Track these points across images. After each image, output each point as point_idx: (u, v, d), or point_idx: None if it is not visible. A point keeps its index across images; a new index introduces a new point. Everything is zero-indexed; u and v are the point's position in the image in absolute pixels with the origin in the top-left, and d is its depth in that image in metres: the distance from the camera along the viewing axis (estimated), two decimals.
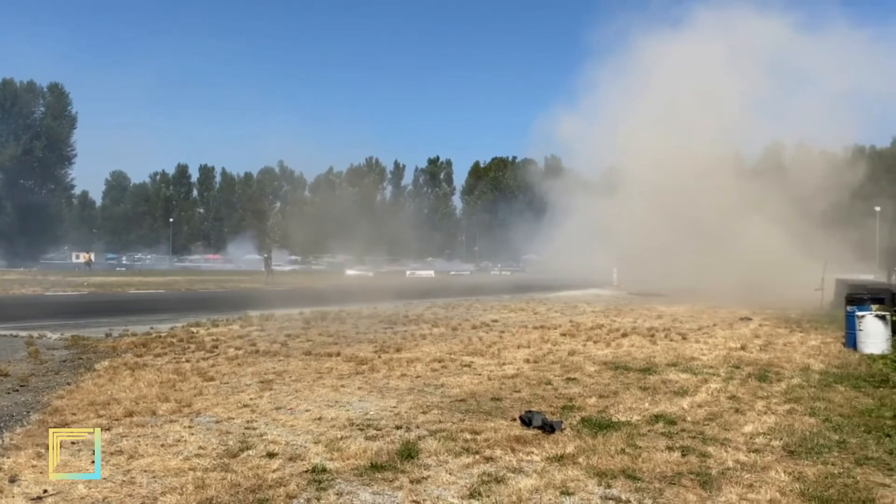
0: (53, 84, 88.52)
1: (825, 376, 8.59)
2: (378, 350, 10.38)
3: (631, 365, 9.29)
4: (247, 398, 6.93)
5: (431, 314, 17.12)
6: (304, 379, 8.03)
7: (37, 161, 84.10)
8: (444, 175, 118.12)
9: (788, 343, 11.93)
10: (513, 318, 16.64)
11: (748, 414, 6.52)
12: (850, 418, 6.36)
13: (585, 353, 10.38)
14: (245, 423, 5.92)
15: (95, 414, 6.14)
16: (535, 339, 12.09)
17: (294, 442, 5.37)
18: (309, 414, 6.29)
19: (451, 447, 5.22)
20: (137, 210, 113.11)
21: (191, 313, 16.37)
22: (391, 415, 6.28)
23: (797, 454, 5.21)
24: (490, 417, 6.23)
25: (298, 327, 13.54)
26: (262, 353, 10.01)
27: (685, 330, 13.82)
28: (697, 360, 9.87)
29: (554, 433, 5.68)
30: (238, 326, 13.57)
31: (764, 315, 17.68)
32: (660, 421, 6.17)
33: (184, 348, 10.48)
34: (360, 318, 15.66)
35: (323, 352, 10.10)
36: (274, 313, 16.18)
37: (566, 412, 6.47)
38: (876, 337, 10.56)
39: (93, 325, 13.65)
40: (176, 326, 13.36)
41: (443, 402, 6.87)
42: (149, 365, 8.86)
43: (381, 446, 5.21)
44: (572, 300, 24.07)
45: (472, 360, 9.64)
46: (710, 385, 7.90)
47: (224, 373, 8.36)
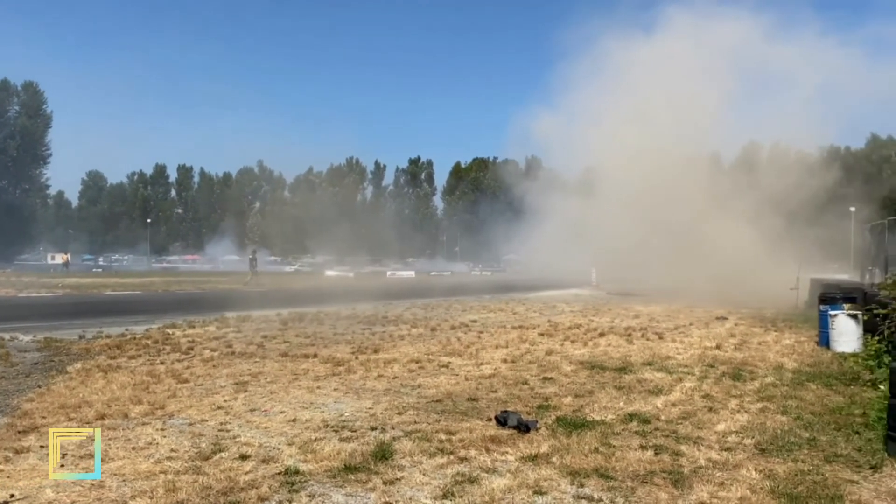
0: (28, 83, 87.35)
1: (798, 375, 8.69)
2: (355, 351, 10.35)
3: (607, 364, 9.34)
4: (221, 400, 6.88)
5: (410, 315, 17.10)
6: (279, 380, 7.98)
7: (11, 160, 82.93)
8: (425, 175, 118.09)
9: (763, 342, 12.07)
10: (492, 318, 16.68)
11: (721, 412, 6.58)
12: (821, 416, 6.44)
13: (563, 353, 10.42)
14: (218, 426, 5.87)
15: (66, 417, 6.06)
16: (513, 339, 12.12)
17: (268, 444, 5.33)
18: (283, 416, 6.26)
19: (426, 448, 5.22)
20: (115, 210, 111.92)
21: (167, 315, 16.22)
22: (366, 416, 6.26)
23: (768, 452, 5.27)
24: (466, 418, 6.23)
25: (275, 328, 13.46)
26: (237, 355, 9.94)
27: (661, 329, 13.93)
28: (673, 359, 9.95)
29: (529, 433, 5.69)
30: (214, 328, 13.46)
31: (740, 314, 17.87)
32: (634, 420, 6.21)
33: (159, 350, 10.38)
34: (339, 319, 15.60)
35: (299, 353, 10.05)
36: (251, 314, 16.08)
37: (542, 412, 6.49)
38: (848, 335, 10.71)
39: (66, 326, 13.47)
40: (151, 328, 13.22)
41: (419, 402, 6.86)
42: (122, 367, 8.76)
43: (355, 447, 5.19)
44: (551, 300, 24.17)
45: (449, 360, 9.64)
46: (684, 384, 7.97)
47: (199, 374, 8.29)
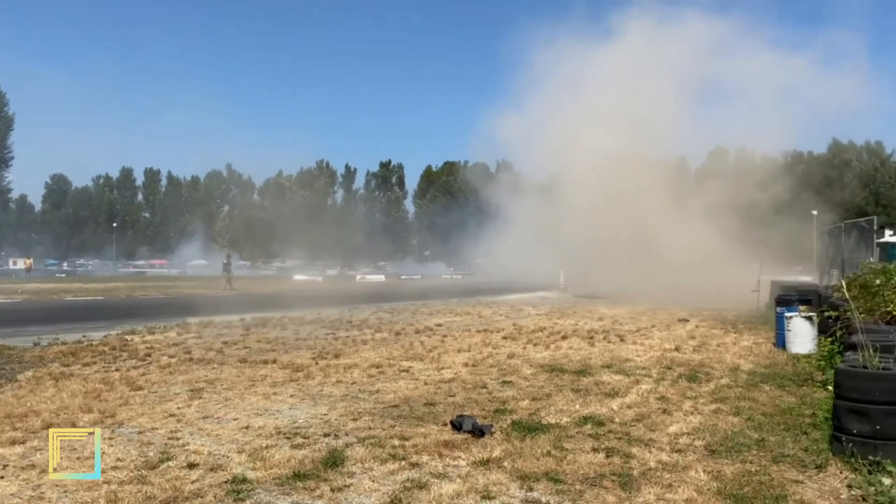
0: None
1: (753, 376, 8.83)
2: (316, 356, 10.26)
3: (567, 367, 9.40)
4: (174, 407, 6.77)
5: (376, 319, 17.04)
6: (236, 387, 7.88)
7: None
8: (396, 179, 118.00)
9: (722, 344, 12.24)
10: (457, 321, 16.69)
11: (675, 414, 6.65)
12: (772, 417, 6.54)
13: (524, 356, 10.46)
14: (169, 434, 5.78)
15: (11, 427, 5.91)
16: (476, 342, 12.14)
17: (217, 452, 5.26)
18: (237, 423, 6.18)
19: (378, 454, 5.19)
20: (80, 214, 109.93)
21: (128, 320, 15.94)
22: (320, 422, 6.21)
23: (718, 453, 5.33)
24: (421, 423, 6.22)
25: (238, 334, 13.31)
26: (195, 361, 9.80)
27: (624, 332, 14.06)
28: (632, 361, 10.04)
29: (483, 437, 5.69)
30: (175, 334, 13.27)
31: (701, 316, 18.11)
32: (588, 422, 6.25)
33: (115, 357, 10.20)
34: (303, 324, 15.47)
35: (259, 359, 9.95)
36: (214, 320, 15.88)
37: (498, 415, 6.50)
38: (803, 337, 10.91)
39: (22, 333, 13.17)
40: (110, 334, 12.99)
41: (375, 408, 6.83)
42: (75, 374, 8.59)
43: (306, 454, 5.15)
44: (519, 303, 24.27)
45: (410, 364, 9.61)
46: (641, 386, 8.04)
47: (154, 381, 8.16)
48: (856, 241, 20.18)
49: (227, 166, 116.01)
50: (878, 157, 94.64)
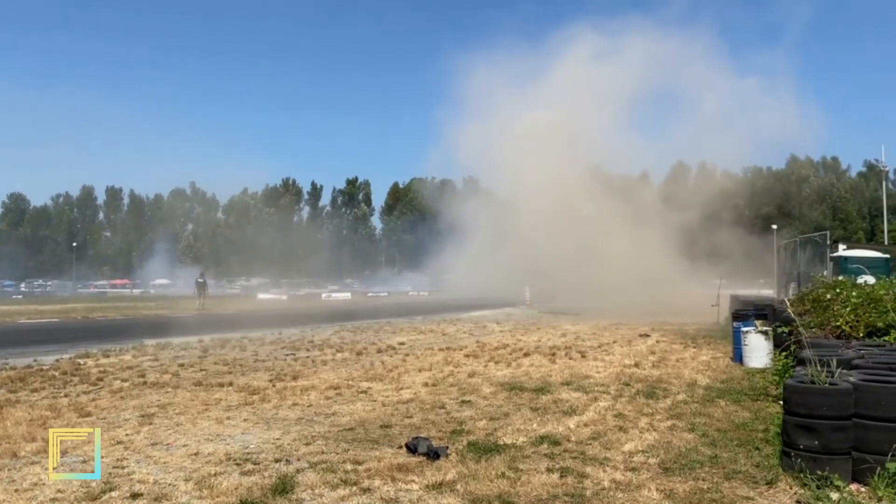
0: None
1: (709, 391, 8.91)
2: (273, 378, 10.10)
3: (526, 385, 9.38)
4: (122, 434, 6.58)
5: (338, 338, 16.87)
6: (188, 411, 7.71)
7: None
8: (363, 196, 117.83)
9: (681, 359, 12.36)
10: (420, 340, 16.61)
11: (631, 432, 6.66)
12: (726, 433, 6.59)
13: (485, 375, 10.43)
14: (114, 462, 5.60)
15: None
16: (437, 361, 12.08)
17: (163, 480, 5.11)
18: (186, 449, 6.02)
19: (330, 479, 5.09)
20: (38, 234, 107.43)
21: (82, 343, 15.54)
22: (272, 447, 6.08)
23: (671, 471, 5.34)
24: (377, 446, 6.13)
25: (195, 356, 13.05)
26: (149, 385, 9.57)
27: (586, 348, 14.12)
28: (591, 377, 10.07)
29: (438, 459, 5.63)
30: (130, 356, 12.96)
31: (663, 331, 18.30)
32: (545, 442, 6.23)
33: (65, 382, 9.91)
34: (263, 345, 15.24)
35: (214, 382, 9.75)
36: (172, 341, 15.57)
37: (454, 436, 6.44)
38: (759, 351, 11.07)
39: None
40: (62, 358, 12.63)
41: (330, 431, 6.72)
42: (22, 401, 8.31)
43: (255, 481, 5.03)
44: (483, 320, 24.28)
45: (369, 385, 9.51)
46: (599, 403, 8.06)
47: (103, 407, 7.94)
48: (811, 256, 20.64)
49: (190, 184, 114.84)
50: (835, 172, 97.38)
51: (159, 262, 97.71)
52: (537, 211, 44.14)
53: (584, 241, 39.68)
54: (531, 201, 45.32)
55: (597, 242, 39.00)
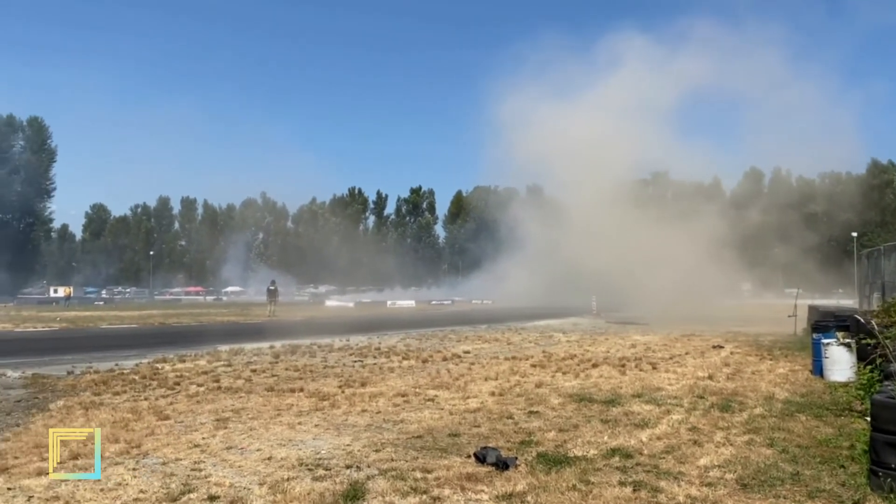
0: (33, 118, 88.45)
1: (788, 405, 8.57)
2: (343, 384, 10.24)
3: (596, 397, 9.22)
4: (199, 438, 6.78)
5: (404, 346, 16.99)
6: (261, 416, 7.89)
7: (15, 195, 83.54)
8: (427, 204, 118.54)
9: (757, 371, 11.93)
10: (486, 349, 16.55)
11: (706, 446, 6.46)
12: (808, 449, 6.32)
13: (553, 385, 10.30)
14: (192, 465, 5.77)
15: (39, 457, 5.95)
16: (504, 370, 12.00)
17: (238, 484, 5.24)
18: (259, 454, 6.16)
19: (400, 487, 5.11)
20: (118, 243, 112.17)
21: (160, 348, 16.12)
22: (343, 453, 6.16)
23: (750, 487, 5.15)
24: (445, 454, 6.13)
25: (267, 362, 13.36)
26: (223, 390, 9.84)
27: (657, 359, 13.79)
28: (663, 390, 9.82)
29: (507, 470, 5.58)
30: (205, 362, 13.36)
31: (737, 342, 17.72)
32: (616, 455, 6.10)
33: (145, 385, 10.29)
34: (332, 351, 15.49)
35: (286, 387, 9.95)
36: (244, 347, 15.99)
37: (523, 447, 6.38)
38: (841, 364, 10.58)
39: (57, 362, 13.40)
40: (142, 363, 13.13)
41: (399, 438, 6.76)
42: (105, 404, 8.67)
43: (327, 487, 5.10)
44: (549, 329, 24.02)
45: (436, 393, 9.53)
46: (672, 416, 7.85)
47: (181, 411, 8.20)
48: None
49: (261, 194, 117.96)
50: None
51: (231, 269, 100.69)
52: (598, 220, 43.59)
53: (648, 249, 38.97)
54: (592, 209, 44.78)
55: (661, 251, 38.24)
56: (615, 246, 41.47)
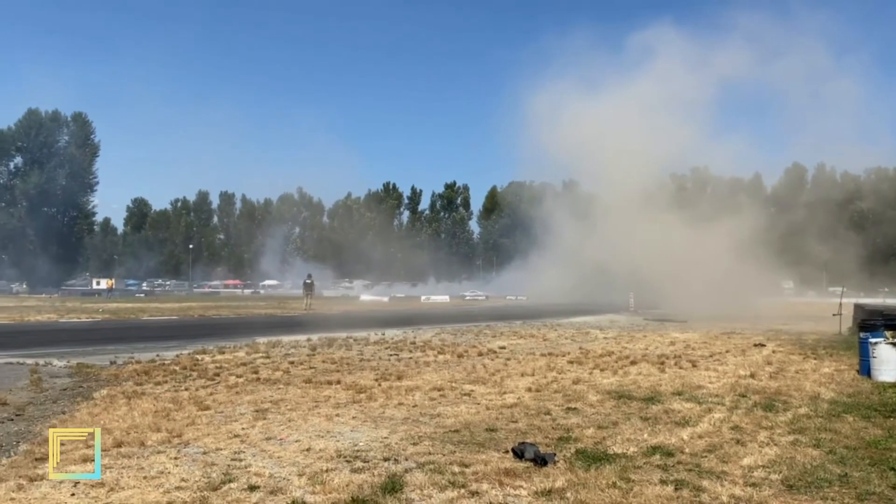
0: (77, 113, 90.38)
1: (834, 406, 8.34)
2: (379, 378, 10.27)
3: (635, 394, 9.09)
4: (239, 428, 6.85)
5: (439, 340, 16.98)
6: (299, 408, 7.94)
7: (60, 189, 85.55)
8: (462, 200, 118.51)
9: (800, 370, 11.65)
10: (521, 344, 16.46)
11: (749, 445, 6.32)
12: (856, 450, 6.14)
13: (590, 382, 10.19)
14: (232, 455, 5.83)
15: (84, 444, 6.08)
16: (540, 366, 11.91)
17: (278, 474, 5.27)
18: (298, 445, 6.20)
19: (438, 480, 5.10)
20: (158, 237, 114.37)
21: (199, 340, 16.38)
22: (381, 446, 6.16)
23: (796, 489, 5.03)
24: (482, 449, 6.10)
25: (304, 354, 13.47)
26: (262, 381, 9.95)
27: (696, 357, 13.55)
28: (704, 388, 9.65)
29: (546, 466, 5.53)
30: (244, 353, 13.53)
31: (779, 341, 17.34)
32: (657, 453, 6.00)
33: (185, 376, 10.44)
34: (367, 345, 15.56)
35: (323, 379, 10.02)
36: (281, 340, 16.15)
37: (561, 444, 6.31)
38: (890, 364, 10.27)
39: (100, 352, 13.69)
40: (182, 353, 13.34)
41: (436, 432, 6.74)
42: (147, 393, 8.82)
43: (365, 479, 5.10)
44: (585, 326, 23.80)
45: (472, 388, 9.49)
46: (713, 415, 7.70)
47: (221, 401, 8.30)
48: None
49: (297, 189, 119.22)
50: None
51: (268, 263, 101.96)
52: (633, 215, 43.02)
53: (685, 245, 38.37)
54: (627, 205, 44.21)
55: (699, 248, 37.64)
56: (651, 242, 40.93)
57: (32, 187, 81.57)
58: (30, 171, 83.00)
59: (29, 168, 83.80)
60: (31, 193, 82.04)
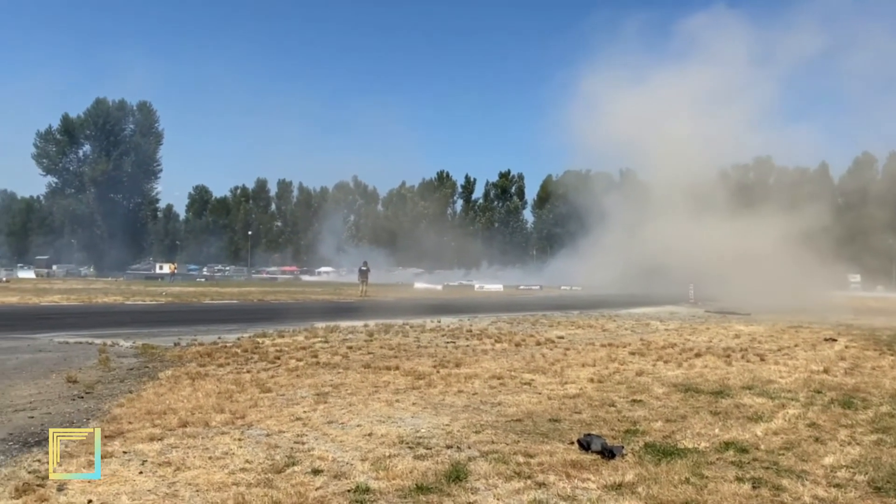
0: (142, 102, 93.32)
1: None
2: (437, 364, 10.19)
3: (702, 387, 8.78)
4: (300, 411, 6.86)
5: (495, 329, 16.83)
6: (359, 392, 7.92)
7: (126, 176, 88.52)
8: (516, 189, 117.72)
9: (878, 367, 11.09)
10: (580, 334, 16.17)
11: (829, 444, 6.00)
12: None
13: (654, 374, 9.90)
14: (295, 437, 5.83)
15: (151, 423, 6.16)
16: (601, 357, 11.65)
17: (341, 458, 5.23)
18: (360, 429, 6.15)
19: (503, 470, 4.97)
20: (218, 223, 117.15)
21: (259, 324, 16.63)
22: (443, 433, 6.07)
23: (885, 491, 4.72)
24: (546, 440, 5.94)
25: (361, 340, 13.51)
26: (322, 365, 9.99)
27: (763, 351, 13.07)
28: (775, 383, 9.26)
29: (614, 459, 5.34)
30: (303, 338, 13.65)
31: (851, 335, 16.61)
32: (730, 449, 5.74)
33: (247, 359, 10.57)
34: (424, 332, 15.52)
35: (382, 365, 10.00)
36: (339, 325, 16.25)
37: (629, 436, 6.11)
38: None
39: (164, 333, 14.00)
40: (243, 337, 13.54)
41: (498, 421, 6.61)
42: (210, 375, 8.94)
43: (428, 466, 5.01)
44: (645, 317, 23.29)
45: (532, 377, 9.32)
46: (787, 411, 7.36)
47: (282, 384, 8.35)
48: None
49: (353, 178, 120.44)
50: None
51: (324, 250, 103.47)
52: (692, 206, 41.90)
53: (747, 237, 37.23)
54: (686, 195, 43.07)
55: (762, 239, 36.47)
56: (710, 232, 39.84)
57: (100, 174, 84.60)
58: (98, 159, 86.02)
59: (97, 156, 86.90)
60: (99, 180, 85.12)
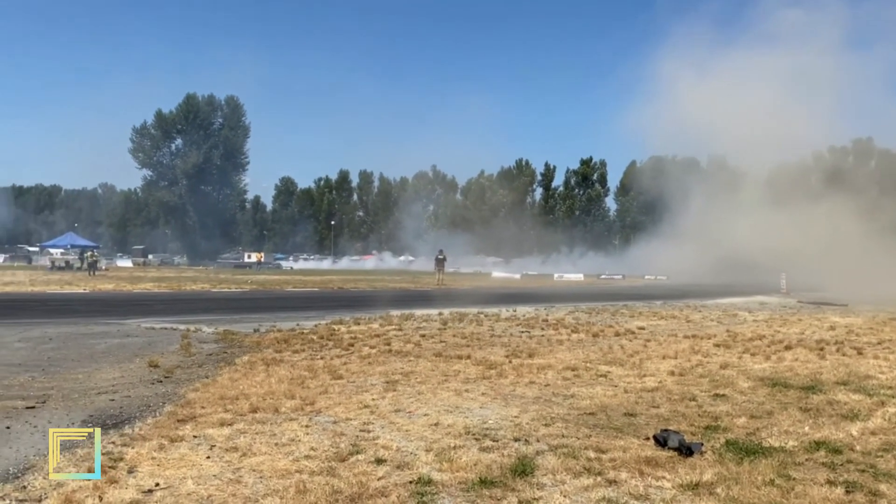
0: (230, 97, 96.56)
1: None
2: (510, 354, 10.00)
3: (792, 382, 8.25)
4: (369, 399, 6.83)
5: (573, 319, 16.46)
6: (429, 381, 7.84)
7: (215, 168, 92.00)
8: (598, 176, 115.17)
9: None
10: (662, 325, 15.61)
11: None
12: None
13: (740, 367, 9.40)
14: (361, 425, 5.78)
15: (223, 408, 6.26)
16: (683, 349, 11.17)
17: (405, 448, 5.14)
18: (426, 419, 6.06)
19: (572, 465, 4.75)
20: (303, 213, 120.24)
21: (337, 311, 16.89)
22: (511, 425, 5.89)
23: None
24: (620, 435, 5.67)
25: (435, 328, 13.47)
26: (394, 353, 9.98)
27: (861, 344, 12.23)
28: (874, 378, 8.61)
29: (692, 456, 5.03)
30: (378, 325, 13.73)
31: None
32: (821, 449, 5.32)
33: (322, 345, 10.69)
34: (498, 321, 15.35)
35: (453, 354, 9.90)
36: (414, 313, 16.29)
37: (709, 433, 5.76)
38: None
39: (245, 320, 14.38)
40: (320, 324, 13.75)
41: (569, 414, 6.38)
42: (285, 361, 9.07)
43: (494, 459, 4.85)
44: (732, 308, 22.31)
45: (609, 369, 9.01)
46: (887, 409, 6.79)
47: (353, 371, 8.37)
48: None
49: (432, 167, 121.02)
50: None
51: (404, 239, 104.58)
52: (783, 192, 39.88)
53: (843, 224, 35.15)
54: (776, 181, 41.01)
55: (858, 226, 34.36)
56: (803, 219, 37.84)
57: (191, 167, 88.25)
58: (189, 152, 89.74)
59: (188, 149, 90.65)
60: (191, 173, 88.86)
